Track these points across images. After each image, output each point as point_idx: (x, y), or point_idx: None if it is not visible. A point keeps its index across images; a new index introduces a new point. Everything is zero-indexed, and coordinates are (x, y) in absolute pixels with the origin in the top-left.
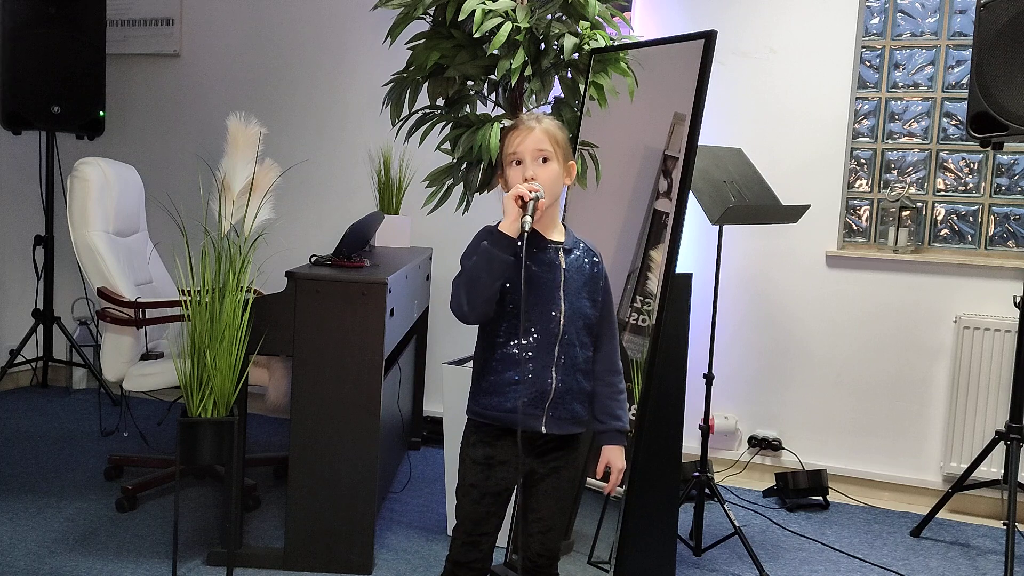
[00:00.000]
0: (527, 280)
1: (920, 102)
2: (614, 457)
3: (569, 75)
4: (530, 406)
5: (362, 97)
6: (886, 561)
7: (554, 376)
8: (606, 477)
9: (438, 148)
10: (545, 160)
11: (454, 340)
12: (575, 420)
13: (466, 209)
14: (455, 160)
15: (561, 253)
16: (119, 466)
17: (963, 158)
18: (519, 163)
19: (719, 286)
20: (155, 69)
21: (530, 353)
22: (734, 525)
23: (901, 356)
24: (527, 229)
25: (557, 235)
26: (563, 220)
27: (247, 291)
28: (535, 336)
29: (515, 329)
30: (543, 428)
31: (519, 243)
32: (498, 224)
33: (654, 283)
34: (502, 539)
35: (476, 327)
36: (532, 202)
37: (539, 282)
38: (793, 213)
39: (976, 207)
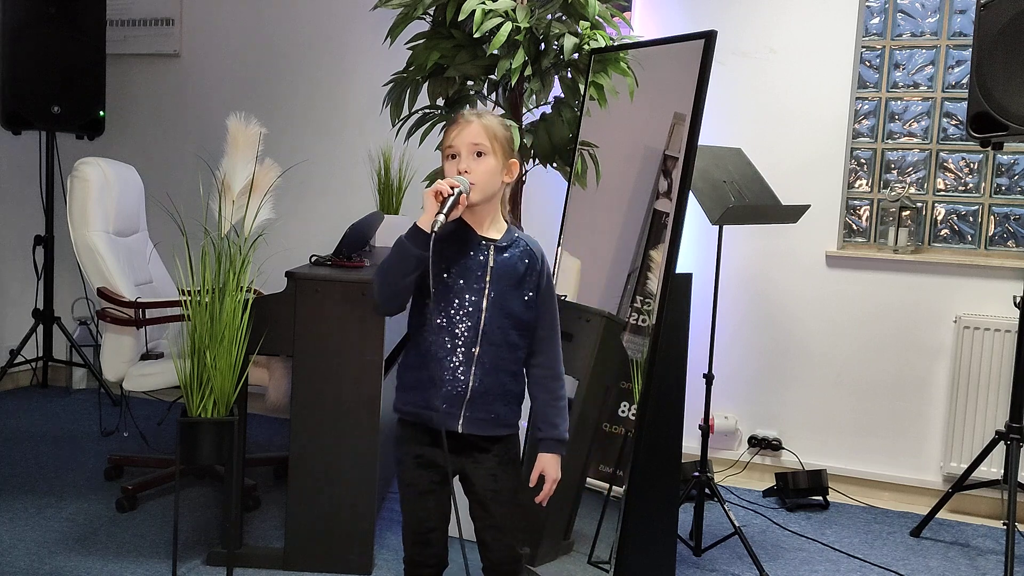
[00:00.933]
0: (450, 275)
1: (920, 102)
2: (548, 466)
3: (569, 75)
4: (447, 404)
5: (362, 97)
6: (886, 561)
7: (473, 375)
8: (541, 484)
9: (438, 148)
10: (480, 155)
11: None
12: (497, 422)
13: None
14: None
15: (492, 250)
16: (119, 466)
17: (963, 158)
18: (454, 156)
19: (719, 286)
20: (155, 69)
21: (447, 350)
22: (734, 525)
23: (901, 356)
24: (436, 228)
25: (494, 232)
26: (562, 220)
27: (247, 291)
28: (454, 333)
29: (430, 325)
30: (459, 428)
31: (477, 238)
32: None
33: (654, 283)
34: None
35: None
36: (451, 198)
37: (463, 277)
38: (793, 213)
39: (976, 207)
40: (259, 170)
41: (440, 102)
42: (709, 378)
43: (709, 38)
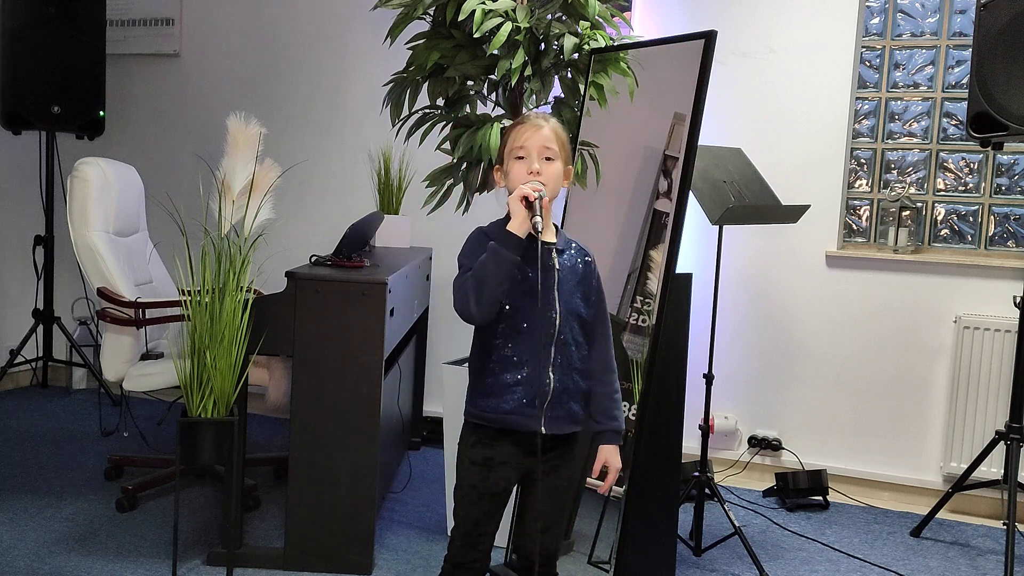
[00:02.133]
0: (526, 281)
1: (920, 102)
2: (611, 457)
3: (569, 75)
4: (528, 407)
5: (362, 97)
6: (886, 561)
7: (552, 376)
8: (603, 476)
9: (438, 148)
10: (549, 159)
11: (454, 340)
12: (573, 419)
13: (466, 209)
14: (455, 160)
15: (555, 254)
16: (119, 466)
17: (963, 158)
18: (522, 158)
19: (719, 286)
20: (155, 69)
21: (527, 354)
22: (734, 525)
23: (901, 356)
24: (540, 229)
25: (549, 236)
26: (562, 220)
27: (247, 291)
28: (534, 337)
29: (512, 330)
30: (543, 429)
31: (528, 242)
32: (490, 225)
33: (654, 283)
34: (502, 539)
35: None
36: (537, 201)
37: (536, 283)
38: (793, 213)
39: (976, 207)
40: (259, 170)
41: (440, 102)
42: (709, 378)
43: (709, 38)
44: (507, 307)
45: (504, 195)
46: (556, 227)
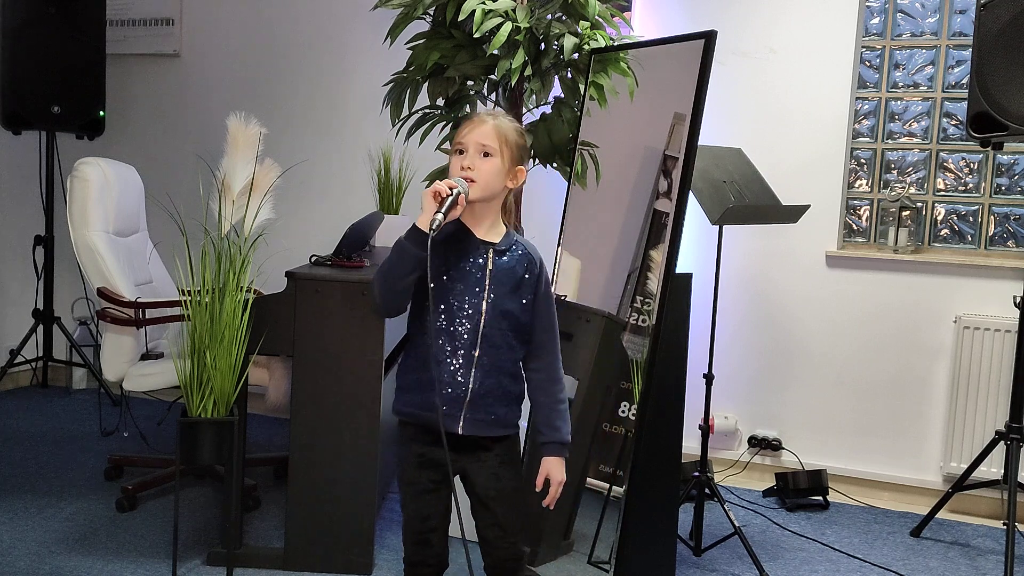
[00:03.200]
0: (449, 277)
1: (920, 102)
2: (553, 469)
3: (569, 75)
4: (448, 405)
5: (362, 97)
6: (886, 561)
7: (473, 376)
8: (546, 487)
9: (438, 148)
10: (487, 155)
11: None
12: (497, 422)
13: None
14: None
15: (491, 253)
16: (119, 466)
17: (963, 158)
18: (461, 152)
19: (719, 286)
20: (155, 69)
21: (448, 352)
22: (734, 525)
23: (901, 356)
24: (435, 227)
25: (493, 236)
26: (562, 220)
27: (247, 291)
28: (453, 335)
29: (432, 326)
30: (459, 430)
31: (472, 239)
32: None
33: (654, 283)
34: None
35: None
36: (449, 198)
37: (462, 280)
38: (793, 213)
39: (976, 207)
40: (259, 170)
41: (440, 102)
42: (709, 378)
43: (709, 38)
44: (427, 304)
45: None
46: (507, 227)
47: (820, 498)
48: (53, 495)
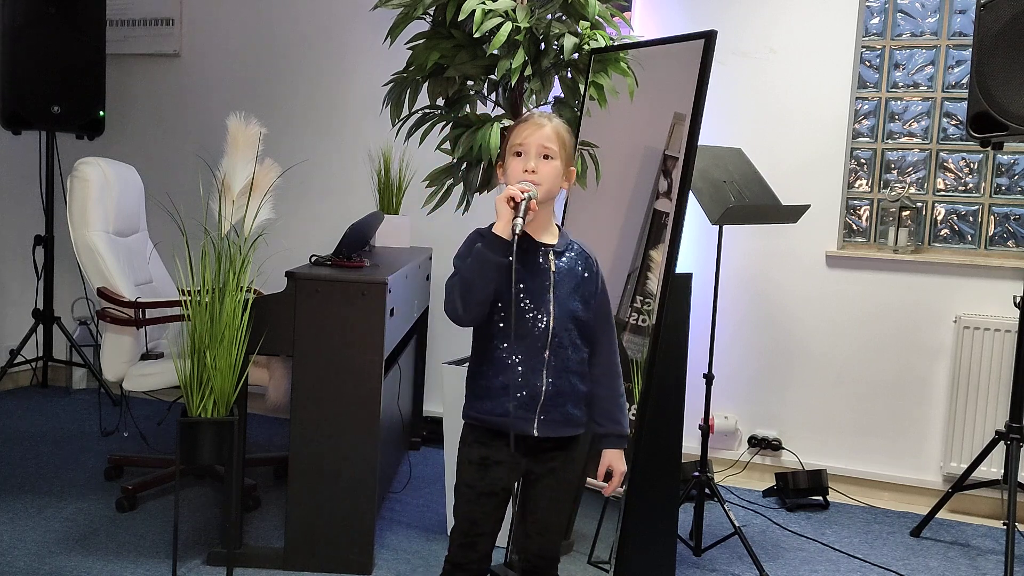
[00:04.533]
0: (522, 284)
1: (920, 102)
2: (615, 461)
3: (569, 75)
4: (521, 409)
5: (362, 97)
6: (886, 561)
7: (545, 379)
8: (607, 478)
9: (438, 148)
10: (547, 157)
11: (454, 340)
12: (569, 422)
13: (466, 209)
14: (455, 160)
15: (551, 255)
16: (119, 466)
17: (963, 158)
18: (520, 155)
19: (719, 286)
20: (155, 69)
21: (519, 356)
22: (734, 525)
23: (901, 356)
24: (518, 232)
25: (549, 237)
26: (563, 220)
27: (247, 291)
28: (527, 340)
29: (506, 332)
30: (535, 431)
31: (512, 245)
32: (490, 226)
33: (654, 283)
34: (502, 539)
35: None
36: (524, 203)
37: (530, 285)
38: (793, 213)
39: (976, 207)
40: (259, 170)
41: (440, 102)
42: (709, 378)
43: (709, 38)
44: (501, 309)
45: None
46: (559, 228)
47: (820, 498)
48: (53, 495)
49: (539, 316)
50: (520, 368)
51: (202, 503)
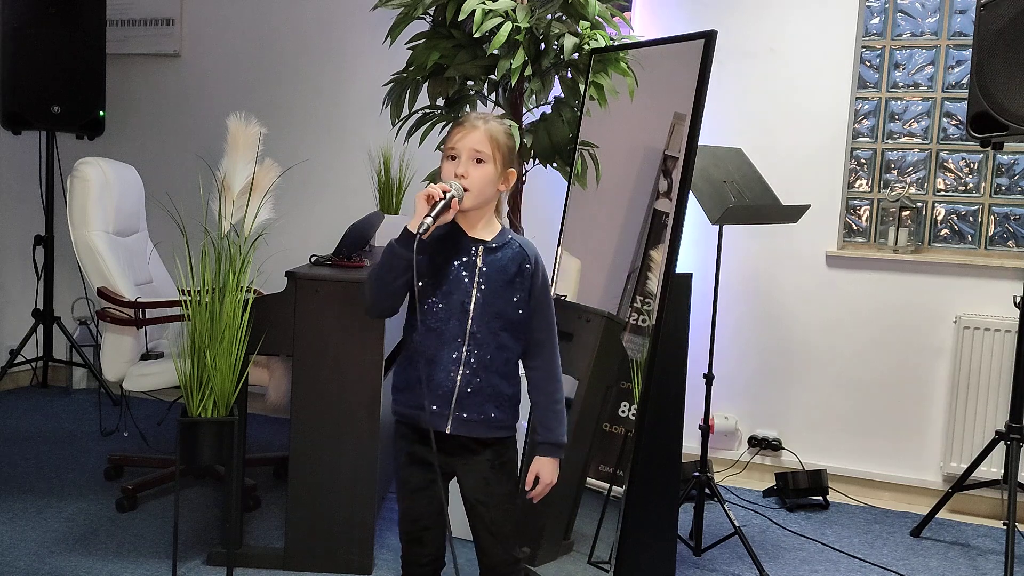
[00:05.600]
0: (439, 276)
1: (920, 102)
2: (544, 470)
3: (569, 75)
4: (437, 405)
5: (362, 97)
6: (886, 561)
7: (461, 376)
8: (535, 485)
9: (438, 148)
10: (480, 161)
11: None
12: (488, 424)
13: None
14: None
15: (481, 251)
16: (119, 466)
17: (963, 158)
18: (454, 158)
19: (719, 286)
20: (155, 69)
21: (431, 351)
22: (734, 525)
23: (901, 356)
24: (422, 231)
25: (486, 233)
26: (562, 220)
27: (247, 291)
28: (441, 334)
29: (422, 325)
30: (447, 429)
31: (465, 238)
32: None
33: (654, 283)
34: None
35: None
36: (440, 202)
37: (451, 279)
38: (793, 213)
39: (976, 207)
40: (259, 170)
41: (440, 102)
42: (709, 378)
43: (709, 38)
44: (420, 303)
45: None
46: (504, 228)
47: (820, 498)
48: (53, 495)
49: (457, 311)
50: (438, 362)
51: (202, 503)
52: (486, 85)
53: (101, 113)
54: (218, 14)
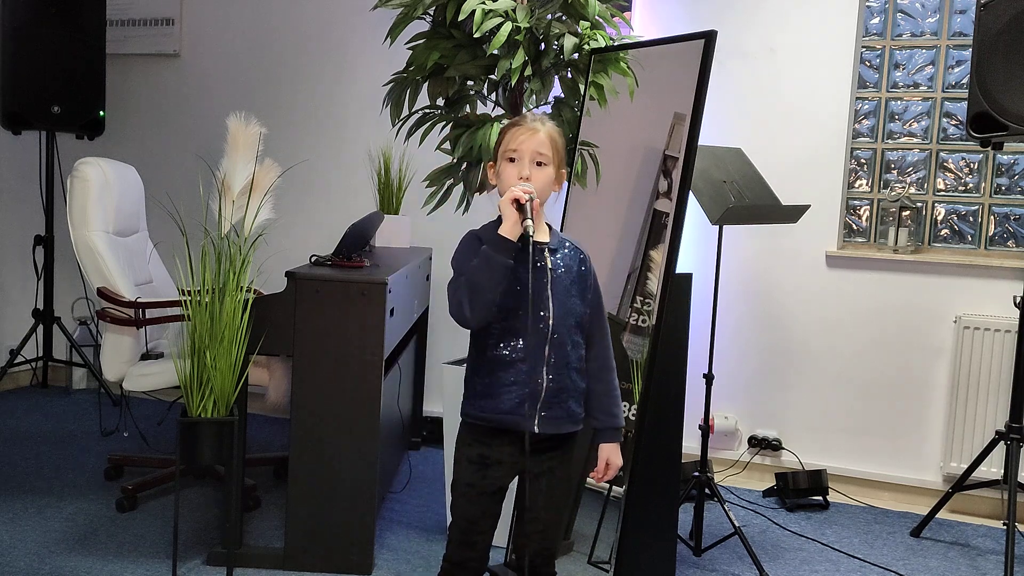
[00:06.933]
0: (519, 282)
1: (920, 102)
2: (612, 455)
3: (569, 75)
4: (523, 407)
5: (362, 97)
6: (886, 561)
7: (545, 376)
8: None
9: (438, 148)
10: (541, 164)
11: (454, 340)
12: (570, 419)
13: (466, 209)
14: (455, 160)
15: (547, 253)
16: (119, 466)
17: (963, 158)
18: (513, 160)
19: (719, 286)
20: (155, 69)
21: (520, 354)
22: (734, 525)
23: (901, 356)
24: (531, 232)
25: (542, 236)
26: (562, 220)
27: (247, 291)
28: (525, 337)
29: (505, 331)
30: (536, 428)
31: (521, 245)
32: (483, 228)
33: (654, 283)
34: (502, 539)
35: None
36: (528, 203)
37: (528, 283)
38: (793, 213)
39: (976, 207)
40: (259, 170)
41: (440, 102)
42: (709, 378)
43: (709, 38)
44: (500, 308)
45: (498, 195)
46: (549, 227)
47: (820, 498)
48: (53, 495)
49: (540, 314)
50: (522, 366)
51: (202, 503)
52: (486, 85)
53: (101, 113)
54: (218, 14)
